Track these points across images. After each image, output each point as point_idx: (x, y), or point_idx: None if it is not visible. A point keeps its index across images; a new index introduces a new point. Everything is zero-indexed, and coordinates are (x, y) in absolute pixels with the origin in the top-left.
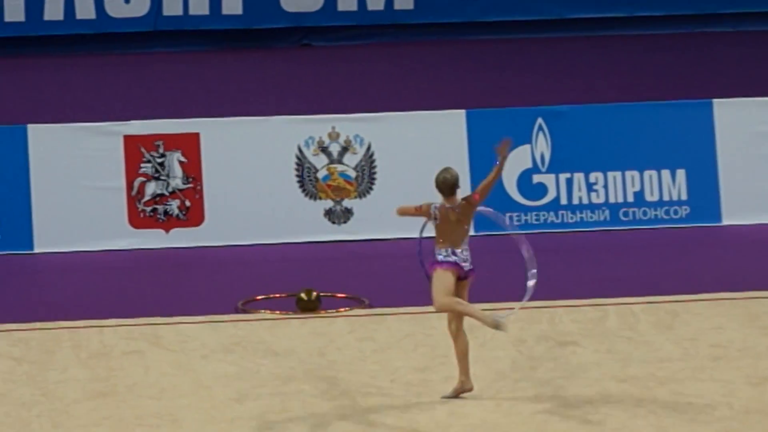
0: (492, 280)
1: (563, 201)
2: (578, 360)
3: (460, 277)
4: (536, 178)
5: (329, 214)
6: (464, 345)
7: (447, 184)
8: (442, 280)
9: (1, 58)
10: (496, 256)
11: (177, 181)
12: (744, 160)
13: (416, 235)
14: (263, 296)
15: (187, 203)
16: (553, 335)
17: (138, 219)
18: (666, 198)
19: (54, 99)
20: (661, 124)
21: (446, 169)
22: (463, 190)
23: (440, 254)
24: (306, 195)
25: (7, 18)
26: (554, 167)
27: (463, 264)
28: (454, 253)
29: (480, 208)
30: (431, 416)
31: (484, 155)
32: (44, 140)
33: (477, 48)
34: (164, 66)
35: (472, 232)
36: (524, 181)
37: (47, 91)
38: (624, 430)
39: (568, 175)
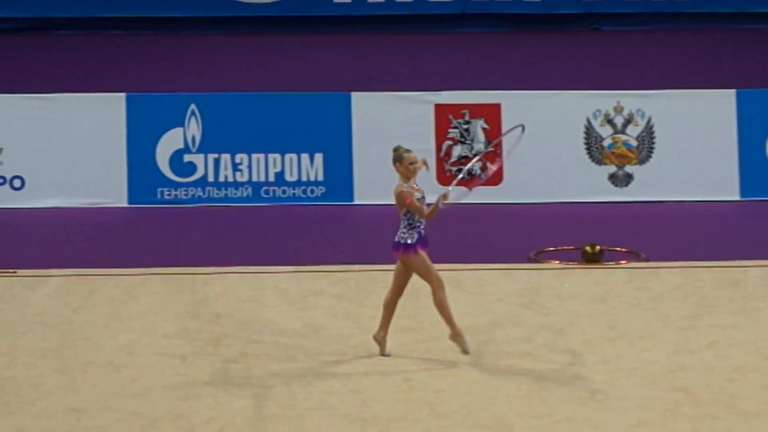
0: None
1: None
2: None
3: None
4: None
5: (612, 178)
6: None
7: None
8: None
9: (330, 34)
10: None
11: (480, 145)
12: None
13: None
14: (553, 248)
15: (488, 165)
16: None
17: (444, 177)
18: None
19: (376, 70)
20: None
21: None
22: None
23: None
24: (592, 160)
25: None
26: None
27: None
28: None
29: None
30: (698, 357)
31: (752, 132)
32: (366, 106)
33: (749, 35)
34: (471, 44)
35: None
36: None
37: (370, 64)
38: None
39: None
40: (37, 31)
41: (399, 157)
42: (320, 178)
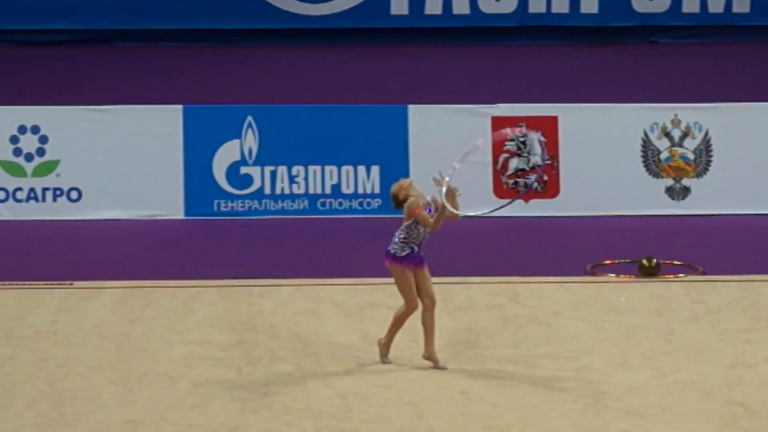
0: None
1: None
2: None
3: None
4: None
5: (669, 191)
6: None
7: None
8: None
9: (387, 46)
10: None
11: (537, 158)
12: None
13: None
14: (609, 261)
15: (545, 177)
16: None
17: (501, 190)
18: None
19: (433, 83)
20: None
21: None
22: None
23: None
24: (649, 173)
25: (393, 11)
26: None
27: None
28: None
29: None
30: (755, 371)
31: None
32: (423, 119)
33: None
34: (528, 57)
35: None
36: None
37: (427, 76)
38: None
39: None
40: (95, 43)
41: (395, 196)
42: (377, 190)
